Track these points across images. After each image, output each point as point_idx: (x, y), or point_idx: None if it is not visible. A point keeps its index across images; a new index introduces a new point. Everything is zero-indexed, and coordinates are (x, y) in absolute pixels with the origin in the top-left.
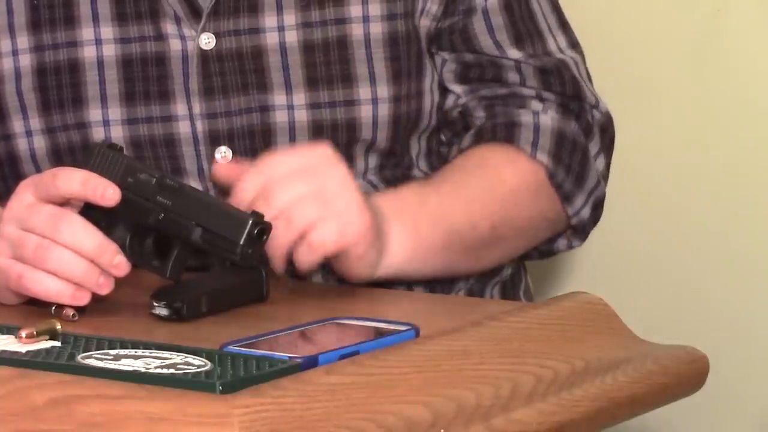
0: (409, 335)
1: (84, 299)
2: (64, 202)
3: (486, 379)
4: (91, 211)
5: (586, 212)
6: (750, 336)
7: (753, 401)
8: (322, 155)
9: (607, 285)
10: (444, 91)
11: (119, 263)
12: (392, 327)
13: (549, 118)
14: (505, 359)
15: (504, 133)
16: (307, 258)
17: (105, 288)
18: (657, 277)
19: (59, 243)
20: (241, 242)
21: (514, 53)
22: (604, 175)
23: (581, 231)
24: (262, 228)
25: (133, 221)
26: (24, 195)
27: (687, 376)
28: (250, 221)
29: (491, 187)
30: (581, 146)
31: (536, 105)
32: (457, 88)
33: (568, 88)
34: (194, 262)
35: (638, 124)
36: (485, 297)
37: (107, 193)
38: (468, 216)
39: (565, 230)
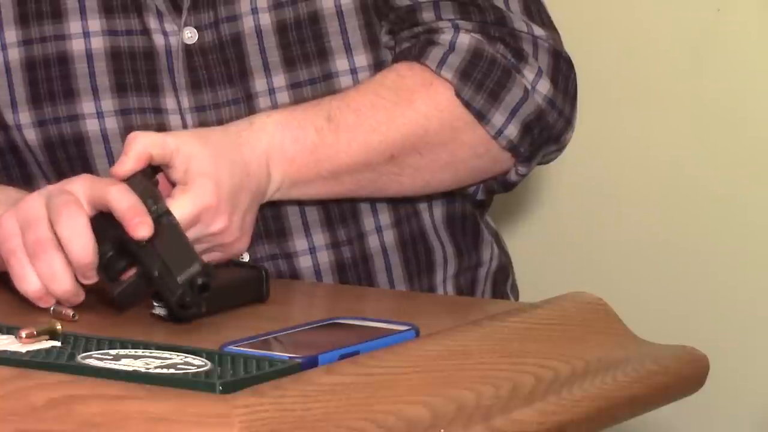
0: (409, 335)
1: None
2: (96, 206)
3: (486, 379)
4: (98, 220)
5: (511, 131)
6: (750, 336)
7: (753, 401)
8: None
9: (607, 285)
10: None
11: (89, 278)
12: (392, 327)
13: (468, 37)
14: (505, 359)
15: (417, 51)
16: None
17: (73, 304)
18: (657, 277)
19: (57, 233)
20: (180, 282)
21: None
22: (549, 98)
23: (517, 154)
24: (205, 283)
25: (121, 241)
26: (76, 182)
27: (687, 376)
28: (200, 267)
29: (398, 115)
30: (503, 65)
31: (454, 30)
32: (390, 42)
33: (489, 16)
34: None
35: (637, 123)
36: (476, 288)
37: (141, 228)
38: (362, 151)
39: (505, 156)
